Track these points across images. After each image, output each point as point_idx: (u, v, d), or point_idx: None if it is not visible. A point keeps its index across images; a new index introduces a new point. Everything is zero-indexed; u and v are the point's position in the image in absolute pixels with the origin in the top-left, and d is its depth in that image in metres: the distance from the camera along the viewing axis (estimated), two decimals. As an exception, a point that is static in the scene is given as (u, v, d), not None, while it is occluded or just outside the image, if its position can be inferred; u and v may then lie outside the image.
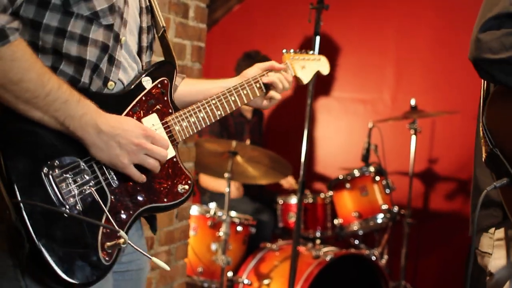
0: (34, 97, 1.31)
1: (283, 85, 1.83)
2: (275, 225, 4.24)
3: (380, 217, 3.94)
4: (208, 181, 4.26)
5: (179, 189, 1.56)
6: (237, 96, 1.74)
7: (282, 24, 4.94)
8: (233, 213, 3.86)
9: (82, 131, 1.37)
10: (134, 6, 1.57)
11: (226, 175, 3.65)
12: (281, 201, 4.15)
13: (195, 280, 3.79)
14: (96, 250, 1.37)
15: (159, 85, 1.58)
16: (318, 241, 3.97)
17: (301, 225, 3.88)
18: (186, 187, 1.56)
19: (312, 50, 2.01)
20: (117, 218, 1.44)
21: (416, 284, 4.53)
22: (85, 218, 1.35)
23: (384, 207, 3.93)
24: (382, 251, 4.07)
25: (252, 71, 1.82)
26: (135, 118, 1.51)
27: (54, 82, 1.34)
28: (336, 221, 4.03)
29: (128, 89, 1.53)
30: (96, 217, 1.39)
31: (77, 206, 1.37)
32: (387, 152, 4.14)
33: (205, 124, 1.65)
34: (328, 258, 3.57)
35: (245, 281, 3.71)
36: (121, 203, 1.45)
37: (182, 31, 3.12)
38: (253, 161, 3.82)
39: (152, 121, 1.54)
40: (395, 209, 3.96)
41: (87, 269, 1.35)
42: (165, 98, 1.58)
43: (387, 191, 3.96)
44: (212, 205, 3.87)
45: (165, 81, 1.59)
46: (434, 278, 4.54)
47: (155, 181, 1.51)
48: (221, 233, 3.64)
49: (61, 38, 1.39)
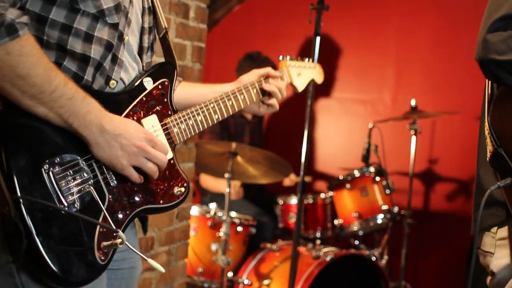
0: (40, 93, 1.31)
1: (282, 94, 1.87)
2: (275, 226, 4.24)
3: (380, 218, 3.94)
4: (209, 181, 4.26)
5: (175, 191, 1.56)
6: (235, 101, 1.76)
7: (283, 25, 4.94)
8: (233, 214, 3.87)
9: (86, 129, 1.38)
10: (137, 6, 1.57)
11: (226, 175, 3.65)
12: (281, 202, 4.15)
13: (195, 281, 3.79)
14: (93, 249, 1.38)
15: (160, 86, 1.58)
16: (318, 242, 3.97)
17: (301, 226, 3.89)
18: (182, 190, 1.57)
19: (308, 58, 2.03)
20: (114, 218, 1.44)
21: (416, 285, 4.53)
22: (84, 216, 1.35)
23: (384, 208, 3.93)
24: (382, 252, 4.07)
25: (249, 77, 1.84)
26: (135, 118, 1.51)
27: (61, 79, 1.34)
28: (336, 222, 4.03)
29: (129, 89, 1.53)
30: (94, 216, 1.39)
31: (76, 204, 1.37)
32: (387, 153, 4.14)
33: (203, 127, 1.66)
34: (328, 259, 3.57)
35: (245, 282, 3.71)
36: (119, 203, 1.46)
37: (183, 32, 3.12)
38: (253, 161, 3.82)
39: (152, 122, 1.54)
40: (395, 210, 3.96)
41: (83, 268, 1.35)
42: (165, 100, 1.58)
43: (387, 192, 3.96)
44: (212, 206, 3.87)
45: (166, 83, 1.59)
46: (434, 279, 4.54)
47: (152, 183, 1.52)
48: (221, 234, 3.64)
49: (66, 35, 1.39)
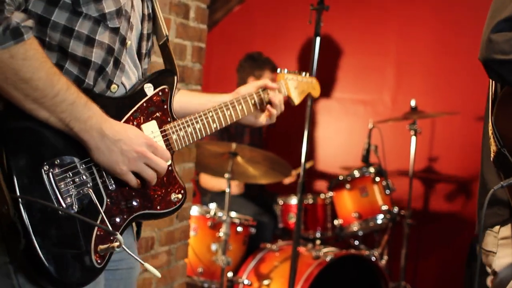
0: (43, 97, 1.31)
1: (280, 107, 1.89)
2: (275, 226, 4.24)
3: (380, 218, 3.94)
4: (208, 180, 4.27)
5: (172, 198, 1.57)
6: (233, 111, 1.77)
7: (283, 25, 4.94)
8: (233, 214, 3.87)
9: (87, 134, 1.38)
10: (137, 12, 1.58)
11: (227, 176, 3.65)
12: (281, 202, 4.15)
13: (195, 281, 3.79)
14: (89, 252, 1.38)
15: (160, 93, 1.59)
16: (318, 242, 3.97)
17: (301, 226, 3.89)
18: (179, 196, 1.57)
19: (305, 72, 2.06)
20: (112, 222, 1.44)
21: (416, 285, 4.53)
22: (83, 218, 1.36)
23: (384, 208, 3.93)
24: (382, 252, 4.07)
25: (246, 88, 1.86)
26: (135, 124, 1.52)
27: (63, 83, 1.34)
28: (336, 222, 4.03)
29: (130, 94, 1.54)
30: (92, 219, 1.39)
31: (74, 206, 1.37)
32: (387, 153, 4.14)
33: (201, 136, 1.67)
34: (328, 259, 3.57)
35: (245, 282, 3.72)
36: (116, 207, 1.46)
37: (183, 32, 3.12)
38: (253, 162, 3.82)
39: (151, 128, 1.55)
40: (395, 210, 3.96)
41: (79, 270, 1.36)
42: (165, 107, 1.59)
43: (387, 192, 3.96)
44: (212, 206, 3.88)
45: (166, 90, 1.60)
46: (434, 279, 4.54)
47: (150, 188, 1.52)
48: (221, 234, 3.64)
49: (68, 37, 1.39)
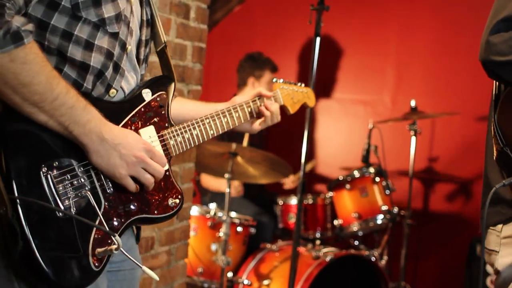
0: (42, 101, 1.32)
1: (275, 117, 1.92)
2: (275, 226, 4.25)
3: (380, 218, 3.94)
4: (209, 181, 4.27)
5: (170, 203, 1.57)
6: (230, 118, 1.79)
7: (283, 25, 4.95)
8: (233, 214, 3.87)
9: (86, 138, 1.38)
10: (136, 18, 1.59)
11: (227, 175, 3.66)
12: (281, 202, 4.16)
13: (195, 281, 3.80)
14: (87, 255, 1.38)
15: (158, 99, 1.60)
16: (318, 242, 3.97)
17: (301, 226, 3.89)
18: (177, 201, 1.58)
19: (301, 82, 2.09)
20: (109, 225, 1.45)
21: (416, 285, 4.54)
22: (81, 218, 1.36)
23: (384, 208, 3.93)
24: (382, 252, 4.08)
25: (242, 98, 1.88)
26: (133, 128, 1.53)
27: (63, 87, 1.34)
28: (336, 222, 4.03)
29: (128, 99, 1.55)
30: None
31: (72, 209, 1.37)
32: (387, 153, 4.14)
33: (198, 142, 1.68)
34: (328, 259, 3.57)
35: (245, 282, 3.72)
36: (114, 211, 1.46)
37: (183, 32, 3.12)
38: (253, 162, 3.83)
39: (149, 133, 1.56)
40: (395, 210, 3.97)
41: (76, 273, 1.36)
42: (163, 112, 1.60)
43: (387, 192, 3.96)
44: (212, 206, 3.88)
45: (164, 95, 1.62)
46: (434, 279, 4.54)
47: (148, 193, 1.53)
48: (221, 234, 3.64)
49: (67, 42, 1.40)
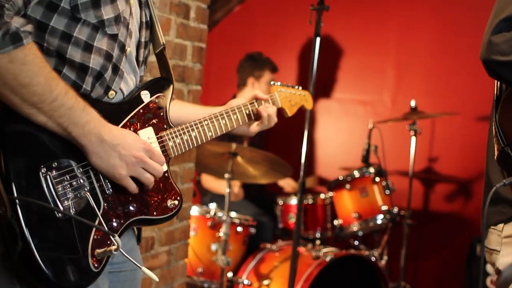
0: (41, 102, 1.32)
1: (272, 119, 1.92)
2: (275, 226, 4.25)
3: (380, 218, 3.94)
4: (210, 182, 4.27)
5: (169, 204, 1.57)
6: (228, 120, 1.79)
7: (283, 25, 4.95)
8: (233, 214, 3.87)
9: (85, 139, 1.38)
10: (135, 20, 1.59)
11: (227, 176, 3.66)
12: (281, 202, 4.16)
13: (195, 281, 3.80)
14: (86, 256, 1.38)
15: (157, 100, 1.60)
16: (318, 242, 3.97)
17: (301, 226, 3.89)
18: (176, 203, 1.58)
19: (298, 85, 2.10)
20: (109, 226, 1.45)
21: (416, 285, 4.54)
22: (80, 218, 1.36)
23: (384, 208, 3.94)
24: (382, 252, 4.08)
25: (238, 101, 1.88)
26: (132, 130, 1.53)
27: (62, 88, 1.34)
28: (336, 222, 4.03)
29: (127, 101, 1.55)
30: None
31: (71, 210, 1.37)
32: (387, 153, 4.15)
33: (197, 143, 1.68)
34: (328, 259, 3.57)
35: (245, 282, 3.72)
36: (113, 212, 1.46)
37: (183, 32, 3.12)
38: (253, 162, 3.83)
39: (148, 134, 1.56)
40: (395, 210, 3.97)
41: (76, 274, 1.35)
42: (161, 114, 1.61)
43: (387, 192, 3.96)
44: (212, 206, 3.88)
45: (162, 97, 1.62)
46: (434, 279, 4.54)
47: (147, 193, 1.53)
48: (221, 234, 3.64)
49: (66, 43, 1.40)
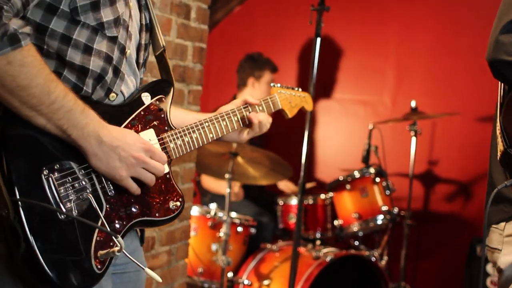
0: (40, 104, 1.31)
1: (263, 126, 1.84)
2: (275, 226, 4.25)
3: (380, 218, 3.95)
4: (210, 183, 4.27)
5: (171, 206, 1.57)
6: (228, 122, 1.77)
7: (283, 26, 4.95)
8: (234, 214, 3.87)
9: (84, 141, 1.38)
10: (135, 22, 1.59)
11: (227, 176, 3.66)
12: (282, 202, 4.16)
13: (196, 281, 3.80)
14: (89, 258, 1.38)
15: (157, 102, 1.60)
16: (318, 242, 3.98)
17: (301, 226, 3.89)
18: (178, 204, 1.58)
19: (298, 87, 2.08)
20: (111, 228, 1.44)
21: (416, 286, 4.54)
22: (83, 219, 1.36)
23: (384, 209, 3.94)
24: (382, 252, 4.08)
25: (227, 107, 1.83)
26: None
27: (61, 90, 1.34)
28: (336, 222, 4.04)
29: (128, 103, 1.55)
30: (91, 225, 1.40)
31: (73, 212, 1.37)
32: (387, 154, 4.15)
33: (198, 145, 1.67)
34: (328, 259, 3.57)
35: (245, 282, 3.72)
36: (116, 213, 1.46)
37: (184, 32, 3.13)
38: (254, 162, 3.83)
39: (149, 136, 1.56)
40: (395, 211, 3.97)
41: (79, 276, 1.35)
42: (162, 116, 1.60)
43: (387, 193, 3.97)
44: (213, 206, 3.88)
45: (163, 99, 1.62)
46: (434, 279, 4.54)
47: (149, 195, 1.53)
48: (222, 234, 3.65)
49: (66, 46, 1.40)
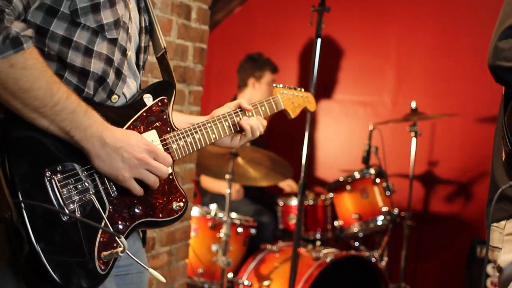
0: (42, 106, 1.31)
1: (256, 131, 1.79)
2: (276, 227, 4.25)
3: (380, 219, 3.95)
4: (209, 183, 4.27)
5: (174, 206, 1.57)
6: (231, 122, 1.75)
7: (284, 26, 4.95)
8: (234, 215, 3.88)
9: (87, 142, 1.38)
10: (134, 25, 1.59)
11: (227, 177, 3.66)
12: (282, 203, 4.16)
13: (196, 281, 3.80)
14: (93, 259, 1.38)
15: (159, 103, 1.60)
16: (319, 243, 3.98)
17: (302, 227, 3.89)
18: (181, 205, 1.57)
19: (301, 87, 2.07)
20: (114, 229, 1.44)
21: (416, 286, 4.54)
22: (86, 220, 1.36)
23: (384, 209, 3.94)
24: (382, 253, 4.08)
25: (222, 110, 1.79)
26: None
27: (63, 92, 1.34)
28: (337, 223, 4.04)
29: (130, 104, 1.55)
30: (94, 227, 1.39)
31: (76, 213, 1.37)
32: (388, 154, 4.15)
33: (201, 146, 1.66)
34: (328, 260, 3.57)
35: (245, 282, 3.72)
36: (119, 214, 1.46)
37: (185, 33, 3.13)
38: (254, 163, 3.83)
39: (152, 137, 1.56)
40: (395, 211, 3.97)
41: (83, 277, 1.35)
42: (164, 117, 1.60)
43: (387, 193, 3.97)
44: (213, 206, 3.88)
45: (165, 100, 1.61)
46: (434, 280, 4.54)
47: (152, 196, 1.52)
48: (222, 234, 3.65)
49: (66, 48, 1.40)
